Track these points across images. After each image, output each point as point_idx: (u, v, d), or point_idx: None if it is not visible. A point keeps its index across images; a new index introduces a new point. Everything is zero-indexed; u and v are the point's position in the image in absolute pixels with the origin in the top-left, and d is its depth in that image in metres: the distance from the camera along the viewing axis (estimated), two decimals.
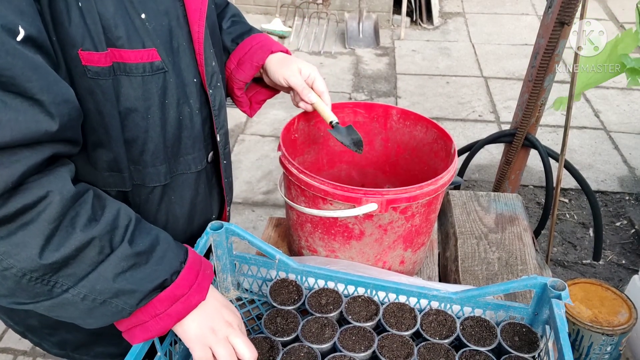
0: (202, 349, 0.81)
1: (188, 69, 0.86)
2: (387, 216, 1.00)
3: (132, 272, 0.73)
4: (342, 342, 0.90)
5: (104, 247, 0.71)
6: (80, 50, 0.72)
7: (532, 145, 2.23)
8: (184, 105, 0.87)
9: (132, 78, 0.78)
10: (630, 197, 3.08)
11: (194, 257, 0.83)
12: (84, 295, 0.70)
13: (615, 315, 1.13)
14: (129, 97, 0.79)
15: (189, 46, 0.86)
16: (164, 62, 0.81)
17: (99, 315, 0.74)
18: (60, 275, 0.68)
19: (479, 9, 5.62)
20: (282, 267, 1.01)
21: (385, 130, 1.27)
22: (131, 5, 0.76)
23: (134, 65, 0.77)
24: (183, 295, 0.78)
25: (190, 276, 0.80)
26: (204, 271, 0.83)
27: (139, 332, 0.78)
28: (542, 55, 1.94)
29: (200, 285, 0.81)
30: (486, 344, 0.90)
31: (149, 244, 0.77)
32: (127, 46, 0.76)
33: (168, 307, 0.77)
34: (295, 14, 5.09)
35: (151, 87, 0.81)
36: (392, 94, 4.13)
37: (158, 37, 0.79)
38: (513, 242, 1.30)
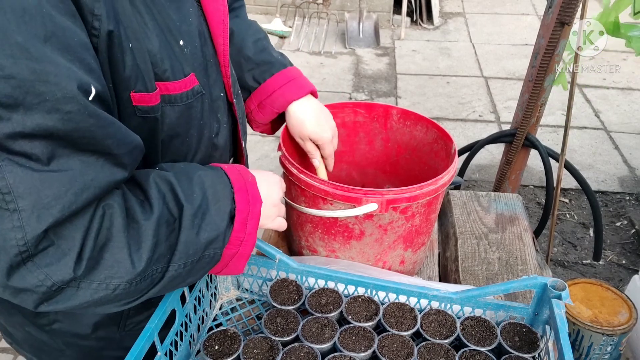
0: (276, 223, 0.90)
1: (216, 85, 0.86)
2: (387, 216, 1.00)
3: (205, 223, 0.73)
4: (342, 342, 0.90)
5: (169, 220, 0.70)
6: (132, 92, 0.71)
7: (532, 145, 2.23)
8: (214, 122, 0.87)
9: (175, 107, 0.78)
10: (631, 197, 3.08)
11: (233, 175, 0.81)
12: (183, 264, 0.71)
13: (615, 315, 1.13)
14: (172, 126, 0.79)
15: (215, 61, 0.85)
16: (201, 84, 0.80)
17: (199, 270, 0.76)
18: (154, 263, 0.68)
19: (479, 9, 5.62)
20: (282, 267, 1.01)
21: (385, 130, 1.27)
22: (170, 34, 0.74)
23: (178, 95, 0.77)
24: (248, 212, 0.79)
25: (243, 196, 0.79)
26: (248, 182, 0.82)
27: (238, 262, 0.80)
28: (543, 55, 1.94)
29: (253, 195, 0.81)
30: (486, 344, 0.90)
31: (199, 190, 0.75)
32: (172, 78, 0.75)
33: (245, 229, 0.78)
34: (296, 14, 5.09)
35: (192, 112, 0.81)
36: (393, 94, 4.13)
37: (195, 60, 0.79)
38: (513, 242, 1.30)
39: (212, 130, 0.87)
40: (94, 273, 0.63)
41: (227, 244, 0.77)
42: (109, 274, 0.64)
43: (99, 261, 0.63)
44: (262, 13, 5.37)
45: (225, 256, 0.78)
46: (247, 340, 0.91)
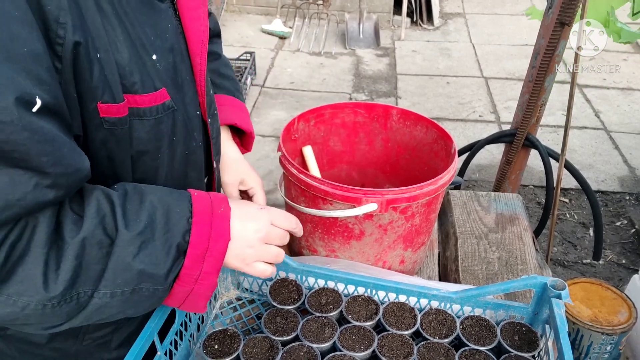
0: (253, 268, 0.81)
1: (192, 103, 0.84)
2: (387, 216, 1.00)
3: (144, 253, 0.69)
4: (342, 342, 0.90)
5: (102, 242, 0.67)
6: (99, 103, 0.69)
7: (532, 145, 2.23)
8: (190, 140, 0.86)
9: (144, 121, 0.76)
10: (631, 197, 3.08)
11: (200, 204, 0.76)
12: (110, 293, 0.68)
13: (615, 314, 1.13)
14: (142, 141, 0.77)
15: (191, 79, 0.84)
16: (173, 99, 0.78)
17: (138, 304, 0.72)
18: (77, 286, 0.65)
19: (480, 10, 5.62)
20: (282, 267, 1.01)
21: (385, 130, 1.27)
22: (143, 48, 0.73)
23: (148, 109, 0.75)
24: (207, 249, 0.74)
25: (203, 229, 0.74)
26: (216, 215, 0.77)
27: (195, 300, 0.76)
28: (543, 56, 1.94)
29: (218, 230, 0.75)
30: (486, 343, 0.91)
31: (147, 216, 0.71)
32: (141, 91, 0.73)
33: (201, 267, 0.74)
34: (296, 14, 5.09)
35: (162, 127, 0.78)
36: (393, 94, 4.13)
37: (167, 75, 0.77)
38: (513, 241, 1.30)
39: (187, 148, 0.85)
40: (5, 286, 0.61)
41: (177, 279, 0.73)
42: (18, 289, 0.61)
43: (10, 275, 0.61)
44: (262, 14, 5.38)
45: (177, 292, 0.74)
46: (247, 339, 0.91)
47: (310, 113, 1.21)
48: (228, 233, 0.77)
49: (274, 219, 0.84)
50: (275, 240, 0.84)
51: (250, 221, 0.81)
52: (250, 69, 4.09)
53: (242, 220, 0.80)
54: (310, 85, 4.23)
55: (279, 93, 4.12)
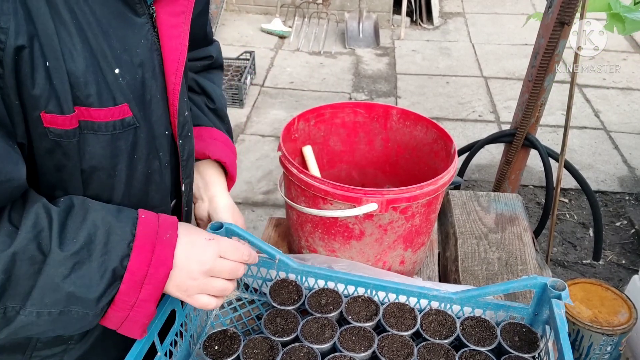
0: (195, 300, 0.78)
1: (160, 121, 0.80)
2: (387, 216, 1.00)
3: (76, 274, 0.67)
4: (342, 342, 0.90)
5: (34, 258, 0.64)
6: (43, 113, 0.66)
7: (532, 145, 2.23)
8: (154, 160, 0.82)
9: (99, 136, 0.72)
10: (630, 197, 3.08)
11: (144, 228, 0.74)
12: (36, 312, 0.66)
13: (615, 315, 1.13)
14: (95, 155, 0.73)
15: (163, 97, 0.80)
16: (136, 117, 0.75)
17: (67, 326, 0.70)
18: (4, 300, 0.63)
19: (479, 9, 5.62)
20: (282, 267, 1.01)
21: (385, 130, 1.27)
22: (105, 60, 0.70)
23: (103, 123, 0.71)
24: (145, 276, 0.71)
25: (143, 255, 0.71)
26: (160, 241, 0.74)
27: (130, 326, 0.73)
28: (542, 55, 1.94)
29: (159, 258, 0.72)
30: (486, 344, 0.90)
31: (86, 235, 0.68)
32: (97, 104, 0.70)
33: (137, 294, 0.71)
34: (296, 14, 5.09)
35: (120, 144, 0.75)
36: (392, 94, 4.13)
37: (131, 91, 0.74)
38: (513, 242, 1.30)
39: (149, 168, 0.82)
40: None
41: (112, 304, 0.70)
42: None
43: None
44: (262, 13, 5.37)
45: (111, 317, 0.72)
46: (247, 340, 0.91)
47: (310, 113, 1.21)
48: (170, 261, 0.74)
49: (223, 251, 0.80)
50: (223, 273, 0.80)
51: (196, 252, 0.78)
52: (250, 68, 4.09)
53: (188, 250, 0.77)
54: (310, 84, 4.23)
55: (279, 92, 4.12)
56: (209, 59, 1.09)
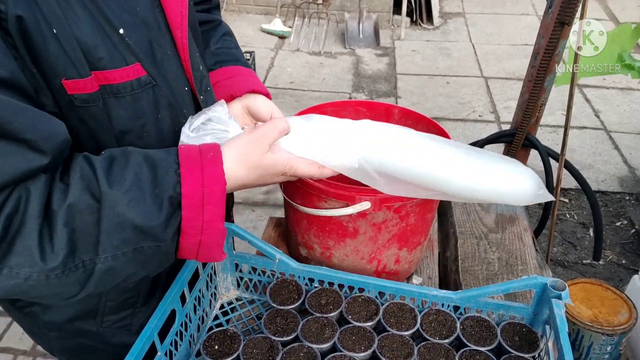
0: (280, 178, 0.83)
1: (177, 78, 0.83)
2: (381, 215, 1.00)
3: (135, 210, 0.67)
4: (342, 342, 0.90)
5: (90, 207, 0.66)
6: (63, 80, 0.69)
7: (532, 145, 2.23)
8: (180, 117, 0.84)
9: (120, 99, 0.74)
10: (630, 197, 3.08)
11: (186, 154, 0.74)
12: (111, 256, 0.67)
13: (615, 315, 1.13)
14: (121, 119, 0.76)
15: (174, 54, 0.82)
16: (151, 75, 0.77)
17: (146, 263, 0.72)
18: (77, 254, 0.66)
19: (479, 9, 5.62)
20: (282, 267, 1.01)
21: None
22: (107, 23, 0.71)
23: (121, 85, 0.74)
24: (202, 197, 0.71)
25: (193, 177, 0.72)
26: (206, 160, 0.74)
27: (208, 250, 0.75)
28: (542, 56, 1.94)
29: (210, 176, 0.73)
30: (486, 344, 0.90)
31: (132, 175, 0.69)
32: (110, 66, 0.72)
33: (201, 217, 0.71)
34: (296, 14, 5.09)
35: (142, 104, 0.77)
36: (393, 94, 4.13)
37: (140, 50, 0.75)
38: (513, 242, 1.30)
39: (176, 126, 0.83)
40: (6, 258, 0.62)
41: (182, 233, 0.72)
42: (18, 261, 0.63)
43: (10, 247, 0.62)
44: (262, 13, 5.37)
45: (186, 246, 0.73)
46: (247, 340, 0.91)
47: (312, 111, 1.21)
48: (222, 177, 0.74)
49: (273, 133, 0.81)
50: None
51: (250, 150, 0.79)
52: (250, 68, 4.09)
53: (236, 152, 0.78)
54: (310, 84, 4.23)
55: (279, 92, 4.12)
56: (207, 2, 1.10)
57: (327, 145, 0.86)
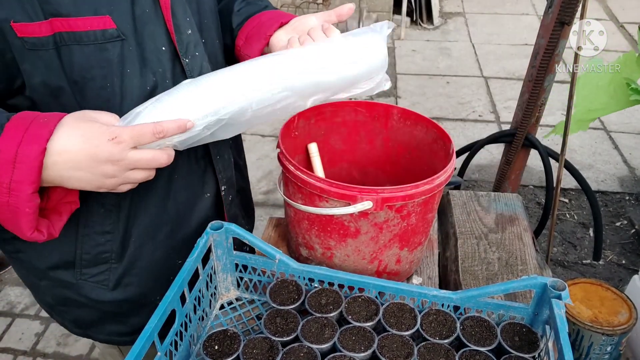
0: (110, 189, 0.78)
1: (154, 37, 0.83)
2: (382, 214, 1.00)
3: None
4: (342, 342, 0.90)
5: None
6: (12, 22, 0.70)
7: (532, 145, 2.23)
8: (149, 75, 0.84)
9: (83, 47, 0.75)
10: (630, 197, 3.08)
11: (22, 115, 0.73)
12: None
13: (615, 315, 1.13)
14: (83, 66, 0.77)
15: (156, 13, 0.83)
16: (121, 30, 0.78)
17: None
18: None
19: (479, 9, 5.62)
20: (282, 267, 1.01)
21: (386, 129, 1.27)
22: None
23: (84, 33, 0.75)
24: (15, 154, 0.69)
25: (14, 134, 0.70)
26: (35, 122, 0.71)
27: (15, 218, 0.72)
28: (542, 55, 1.94)
29: (31, 136, 0.70)
30: (486, 344, 0.90)
31: None
32: (74, 14, 0.73)
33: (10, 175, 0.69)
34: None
35: (107, 55, 0.78)
36: (392, 94, 4.13)
37: (113, 4, 0.76)
38: (513, 242, 1.30)
39: (145, 83, 0.84)
40: None
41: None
42: None
43: None
44: None
45: None
46: (247, 340, 0.91)
47: (311, 111, 1.21)
48: (44, 140, 0.70)
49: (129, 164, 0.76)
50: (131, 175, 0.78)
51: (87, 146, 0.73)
52: None
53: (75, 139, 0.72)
54: None
55: None
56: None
57: None
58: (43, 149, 0.70)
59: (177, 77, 0.88)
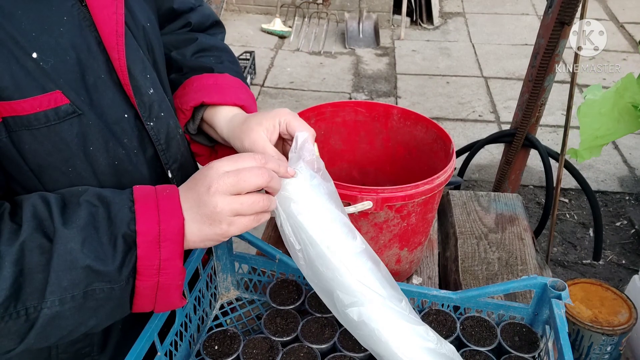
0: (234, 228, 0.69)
1: (114, 105, 0.74)
2: (382, 214, 1.00)
3: (87, 249, 0.62)
4: (342, 342, 0.90)
5: (42, 246, 0.61)
6: None
7: (532, 145, 2.23)
8: (117, 148, 0.75)
9: (34, 131, 0.66)
10: (630, 197, 3.08)
11: (141, 192, 0.69)
12: (58, 300, 0.61)
13: (615, 315, 1.13)
14: (38, 153, 0.68)
15: (111, 77, 0.73)
16: (75, 103, 0.68)
17: (96, 310, 0.65)
18: (22, 299, 0.60)
19: (479, 9, 5.62)
20: (282, 267, 1.01)
21: (386, 129, 1.27)
22: (16, 46, 0.63)
23: (32, 116, 0.65)
24: (158, 233, 0.66)
25: (148, 213, 0.66)
26: (162, 197, 0.68)
27: (167, 295, 0.69)
28: (542, 55, 1.94)
29: (166, 211, 0.67)
30: (486, 344, 0.90)
31: (87, 214, 0.65)
32: (18, 96, 0.63)
33: (158, 255, 0.66)
34: (296, 14, 5.09)
35: (64, 136, 0.68)
36: (392, 94, 4.13)
37: (61, 76, 0.67)
38: (513, 242, 1.30)
39: (115, 158, 0.75)
40: None
41: (138, 275, 0.66)
42: None
43: None
44: (262, 13, 5.37)
45: (142, 289, 0.67)
46: (247, 340, 0.91)
47: (311, 111, 1.21)
48: (179, 211, 0.68)
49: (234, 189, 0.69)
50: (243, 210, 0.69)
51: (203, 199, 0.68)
52: (250, 68, 4.09)
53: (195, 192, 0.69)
54: (310, 84, 4.23)
55: (279, 92, 4.12)
56: (187, 26, 1.02)
57: None
58: (182, 222, 0.68)
59: (144, 145, 0.80)
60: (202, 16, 1.05)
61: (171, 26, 1.02)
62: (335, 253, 0.75)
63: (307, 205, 0.75)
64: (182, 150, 0.88)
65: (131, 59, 0.75)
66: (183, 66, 0.97)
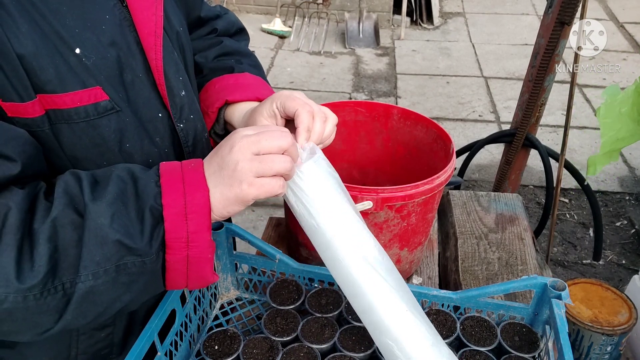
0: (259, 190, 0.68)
1: (149, 104, 0.76)
2: (382, 214, 1.00)
3: (117, 223, 0.63)
4: (342, 342, 0.90)
5: (74, 222, 0.62)
6: (1, 102, 0.63)
7: (532, 145, 2.23)
8: (151, 146, 0.77)
9: (73, 125, 0.68)
10: (630, 197, 3.08)
11: (167, 167, 0.70)
12: (92, 274, 0.62)
13: (615, 315, 1.13)
14: (75, 146, 0.70)
15: (147, 77, 0.75)
16: (114, 100, 0.70)
17: (130, 285, 0.66)
18: (58, 274, 0.61)
19: (479, 9, 5.62)
20: (282, 267, 1.01)
21: (386, 129, 1.27)
22: (61, 41, 0.65)
23: (73, 110, 0.67)
24: (184, 207, 0.66)
25: (174, 187, 0.67)
26: (187, 170, 0.69)
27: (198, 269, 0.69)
28: (542, 55, 1.94)
29: (192, 184, 0.68)
30: (486, 344, 0.90)
31: (116, 190, 0.66)
32: (60, 90, 0.65)
33: (185, 227, 0.66)
34: (296, 13, 5.09)
35: (102, 131, 0.70)
36: (393, 94, 4.13)
37: (102, 72, 0.69)
38: (513, 242, 1.30)
39: (149, 156, 0.77)
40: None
41: (167, 249, 0.66)
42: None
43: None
44: (262, 13, 5.37)
45: (173, 264, 0.68)
46: (247, 340, 0.91)
47: None
48: (204, 184, 0.68)
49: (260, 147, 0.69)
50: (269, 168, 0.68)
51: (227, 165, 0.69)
52: None
53: (218, 168, 0.69)
54: (310, 84, 4.23)
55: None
56: (213, 32, 1.05)
57: None
58: (208, 194, 0.68)
59: (174, 145, 0.82)
60: (228, 23, 1.08)
61: (199, 32, 1.05)
62: None
63: (323, 178, 0.78)
64: (205, 154, 0.89)
65: (166, 61, 0.77)
66: (204, 68, 1.00)
